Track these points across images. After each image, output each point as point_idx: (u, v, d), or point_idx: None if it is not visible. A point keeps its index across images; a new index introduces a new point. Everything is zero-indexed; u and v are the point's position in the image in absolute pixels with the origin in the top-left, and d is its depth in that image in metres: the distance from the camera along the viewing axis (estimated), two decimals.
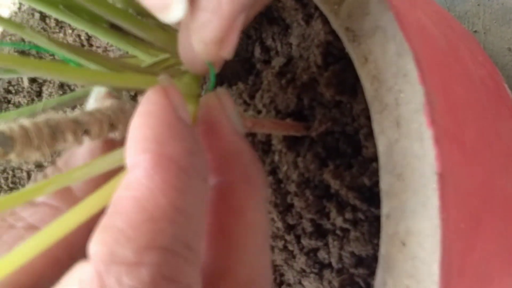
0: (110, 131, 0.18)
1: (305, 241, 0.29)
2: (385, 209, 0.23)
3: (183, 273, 0.15)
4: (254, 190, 0.19)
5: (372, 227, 0.26)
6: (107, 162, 0.18)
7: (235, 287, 0.17)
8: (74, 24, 0.27)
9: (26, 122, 0.15)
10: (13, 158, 0.15)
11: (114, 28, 0.28)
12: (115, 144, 0.21)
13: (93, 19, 0.26)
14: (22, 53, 0.45)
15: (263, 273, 0.18)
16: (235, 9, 0.18)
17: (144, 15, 0.25)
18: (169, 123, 0.16)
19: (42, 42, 0.26)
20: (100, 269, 0.14)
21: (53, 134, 0.16)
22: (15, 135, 0.15)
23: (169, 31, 0.25)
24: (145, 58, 0.26)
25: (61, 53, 0.27)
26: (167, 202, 0.15)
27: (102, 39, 0.38)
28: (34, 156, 0.15)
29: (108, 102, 0.19)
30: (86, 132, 0.17)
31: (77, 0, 0.25)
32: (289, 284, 0.31)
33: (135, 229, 0.14)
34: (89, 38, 0.39)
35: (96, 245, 0.15)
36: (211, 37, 0.19)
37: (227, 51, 0.20)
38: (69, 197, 0.20)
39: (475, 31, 0.44)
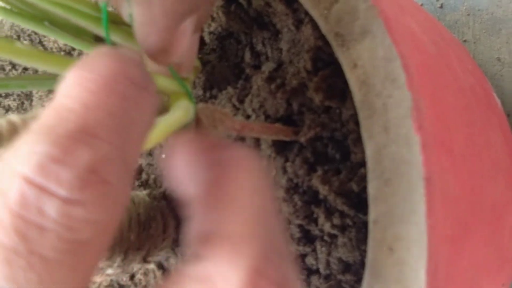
0: None
1: (293, 247, 0.29)
2: (372, 214, 0.23)
3: (80, 156, 0.14)
4: (245, 163, 0.19)
5: (360, 233, 0.26)
6: None
7: (230, 243, 0.16)
8: (59, 39, 0.27)
9: (13, 117, 0.15)
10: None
11: (100, 41, 0.27)
12: None
13: (80, 32, 0.26)
14: None
15: (261, 233, 0.17)
16: (170, 21, 0.18)
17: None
18: (100, 52, 0.16)
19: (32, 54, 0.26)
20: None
21: None
22: (2, 129, 0.15)
23: None
24: None
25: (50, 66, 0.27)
26: (75, 100, 0.14)
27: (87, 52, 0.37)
28: None
29: None
30: None
31: (61, 15, 0.24)
32: None
33: (38, 125, 0.14)
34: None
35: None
36: (152, 48, 0.19)
37: (176, 58, 0.20)
38: None
39: (465, 41, 0.45)
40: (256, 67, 0.31)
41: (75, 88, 0.15)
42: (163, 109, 0.22)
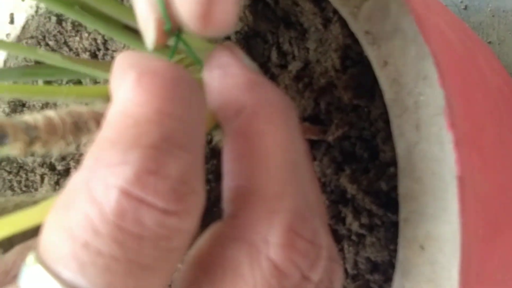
0: None
1: None
2: (403, 213, 0.23)
3: (172, 168, 0.14)
4: (276, 112, 0.18)
5: (388, 232, 0.26)
6: None
7: (264, 201, 0.17)
8: (89, 25, 0.27)
9: (49, 112, 0.15)
10: (39, 149, 0.15)
11: (129, 30, 0.28)
12: None
13: (108, 20, 0.27)
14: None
15: (299, 187, 0.18)
16: None
17: None
18: (149, 57, 0.17)
19: (56, 60, 0.26)
20: (86, 176, 0.14)
21: (77, 124, 0.16)
22: (39, 124, 0.15)
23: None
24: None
25: (75, 68, 0.27)
26: (151, 108, 0.15)
27: (117, 39, 0.38)
28: (60, 146, 0.15)
29: None
30: None
31: (92, 4, 0.25)
32: None
33: (120, 134, 0.14)
34: (105, 41, 0.39)
35: (86, 157, 0.15)
36: (188, 15, 0.18)
37: (217, 26, 0.18)
38: None
39: (490, 42, 0.44)
40: (283, 67, 0.31)
41: (143, 94, 0.15)
42: None
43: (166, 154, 0.14)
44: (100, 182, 0.14)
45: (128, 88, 0.15)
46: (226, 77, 0.20)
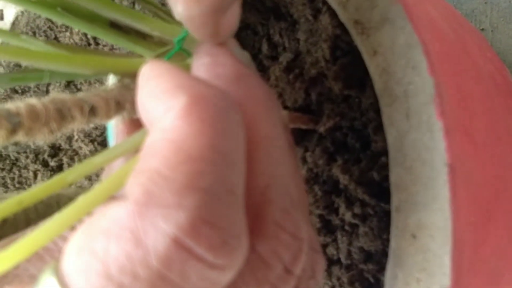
0: (118, 110, 0.18)
1: None
2: (395, 202, 0.23)
3: (225, 218, 0.13)
4: (261, 106, 0.18)
5: (381, 222, 0.26)
6: (127, 145, 0.18)
7: (253, 192, 0.16)
8: (73, 26, 0.27)
9: (32, 100, 0.15)
10: (22, 137, 0.15)
11: (115, 27, 0.28)
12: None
13: (93, 19, 0.26)
14: None
15: (281, 181, 0.17)
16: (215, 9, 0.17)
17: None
18: (204, 83, 0.16)
19: (39, 46, 0.26)
20: (133, 210, 0.13)
21: (60, 111, 0.16)
22: (22, 111, 0.15)
23: (171, 23, 0.25)
24: (147, 55, 0.26)
25: (58, 52, 0.27)
26: (204, 142, 0.13)
27: (102, 38, 0.38)
28: (44, 133, 0.15)
29: (112, 81, 0.19)
30: (93, 110, 0.17)
31: (76, 0, 0.24)
32: None
33: (173, 169, 0.13)
34: (95, 36, 0.39)
35: (131, 186, 0.13)
36: (201, 34, 0.18)
37: (224, 38, 0.19)
38: None
39: (482, 29, 0.44)
40: (274, 58, 0.31)
41: (196, 124, 0.14)
42: None
43: (219, 200, 0.13)
44: (151, 224, 0.13)
45: (179, 115, 0.14)
46: (215, 66, 0.19)
